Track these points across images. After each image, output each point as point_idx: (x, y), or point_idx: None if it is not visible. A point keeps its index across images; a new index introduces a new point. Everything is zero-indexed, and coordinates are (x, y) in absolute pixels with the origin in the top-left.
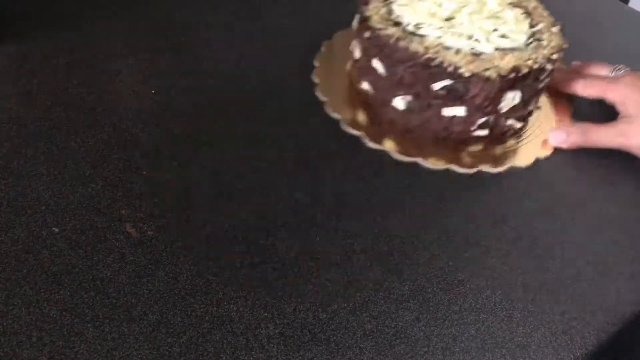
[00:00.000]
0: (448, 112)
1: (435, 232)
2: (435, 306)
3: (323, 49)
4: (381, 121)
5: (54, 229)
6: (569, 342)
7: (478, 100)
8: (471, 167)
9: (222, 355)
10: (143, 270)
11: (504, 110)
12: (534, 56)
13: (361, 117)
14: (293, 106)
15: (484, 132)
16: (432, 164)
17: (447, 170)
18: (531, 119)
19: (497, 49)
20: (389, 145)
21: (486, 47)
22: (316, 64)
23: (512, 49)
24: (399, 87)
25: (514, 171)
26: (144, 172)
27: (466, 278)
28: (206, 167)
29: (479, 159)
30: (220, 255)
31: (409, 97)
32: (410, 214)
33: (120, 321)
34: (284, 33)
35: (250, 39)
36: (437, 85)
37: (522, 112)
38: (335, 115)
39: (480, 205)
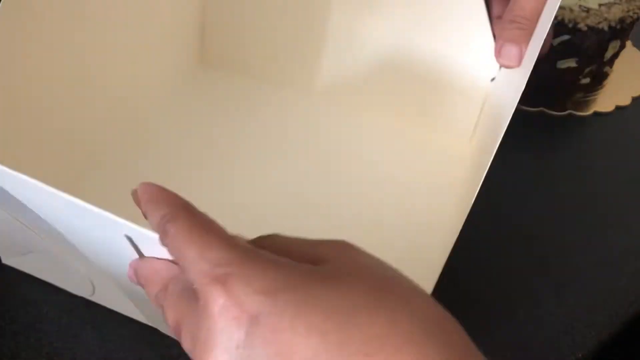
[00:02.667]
0: (562, 64)
1: None
2: None
3: None
4: None
5: None
6: (571, 342)
7: (590, 51)
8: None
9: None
10: None
11: (607, 58)
12: (631, 8)
13: None
14: None
15: (587, 80)
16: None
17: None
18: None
19: (600, 4)
20: None
21: (592, 3)
22: None
23: (611, 3)
24: None
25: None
26: None
27: (467, 279)
28: None
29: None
30: None
31: None
32: None
33: (119, 322)
34: None
35: None
36: (556, 41)
37: (614, 59)
38: None
39: None
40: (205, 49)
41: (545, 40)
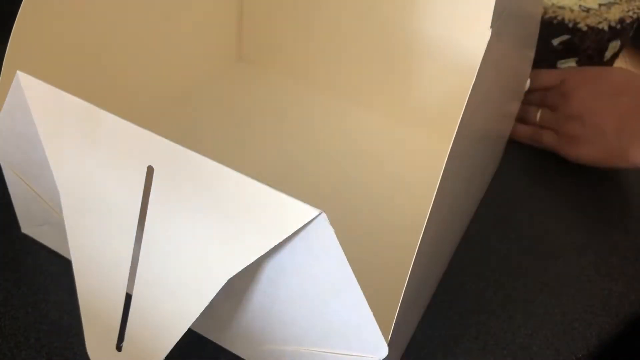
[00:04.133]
0: (562, 64)
1: None
2: (436, 307)
3: None
4: None
5: None
6: (571, 342)
7: (589, 51)
8: None
9: (221, 355)
10: None
11: (607, 58)
12: (631, 8)
13: None
14: None
15: None
16: None
17: None
18: None
19: (600, 5)
20: None
21: (591, 3)
22: None
23: (611, 3)
24: None
25: None
26: None
27: (468, 279)
28: None
29: None
30: None
31: None
32: None
33: None
34: None
35: None
36: (556, 41)
37: (614, 59)
38: None
39: None
40: (242, 47)
41: None
